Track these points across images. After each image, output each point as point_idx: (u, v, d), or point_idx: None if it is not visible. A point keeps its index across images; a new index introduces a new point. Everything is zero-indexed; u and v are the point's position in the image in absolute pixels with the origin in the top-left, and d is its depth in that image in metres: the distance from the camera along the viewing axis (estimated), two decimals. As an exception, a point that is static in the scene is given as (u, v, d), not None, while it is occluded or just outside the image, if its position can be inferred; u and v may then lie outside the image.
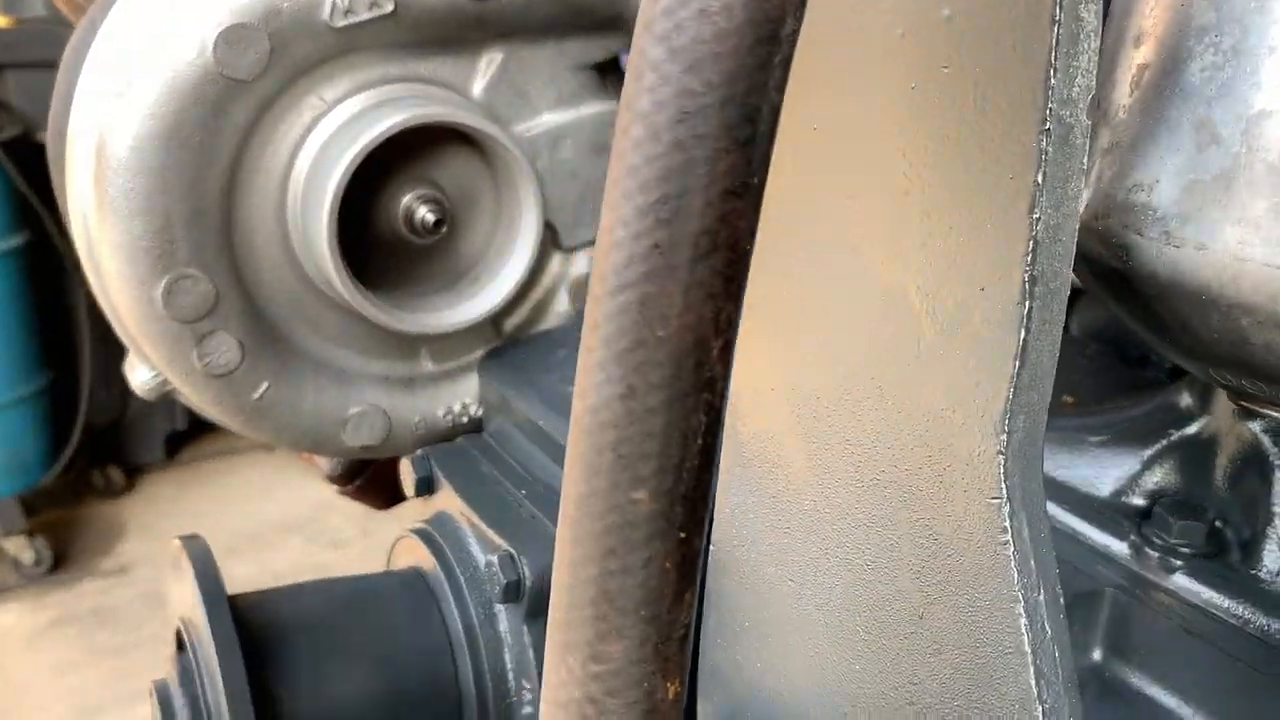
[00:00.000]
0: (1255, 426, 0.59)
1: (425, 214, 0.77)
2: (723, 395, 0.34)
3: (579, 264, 0.90)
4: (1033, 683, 0.37)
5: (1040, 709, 0.36)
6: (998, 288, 0.37)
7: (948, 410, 0.39)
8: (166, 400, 0.84)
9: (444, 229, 0.78)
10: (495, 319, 0.87)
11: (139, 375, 0.79)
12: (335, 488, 1.07)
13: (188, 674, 0.64)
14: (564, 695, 0.36)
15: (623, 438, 0.33)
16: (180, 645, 0.69)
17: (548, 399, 0.76)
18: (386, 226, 0.80)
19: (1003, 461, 0.37)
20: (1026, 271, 0.36)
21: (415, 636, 0.69)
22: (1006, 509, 0.37)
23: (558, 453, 0.73)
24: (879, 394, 0.42)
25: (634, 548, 0.34)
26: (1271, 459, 0.58)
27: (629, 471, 0.33)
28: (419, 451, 0.79)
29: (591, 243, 0.89)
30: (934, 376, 0.40)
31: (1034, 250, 0.36)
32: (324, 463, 0.94)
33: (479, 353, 0.88)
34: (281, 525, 2.46)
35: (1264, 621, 0.55)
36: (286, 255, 0.78)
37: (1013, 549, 0.37)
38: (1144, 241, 0.37)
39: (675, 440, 0.33)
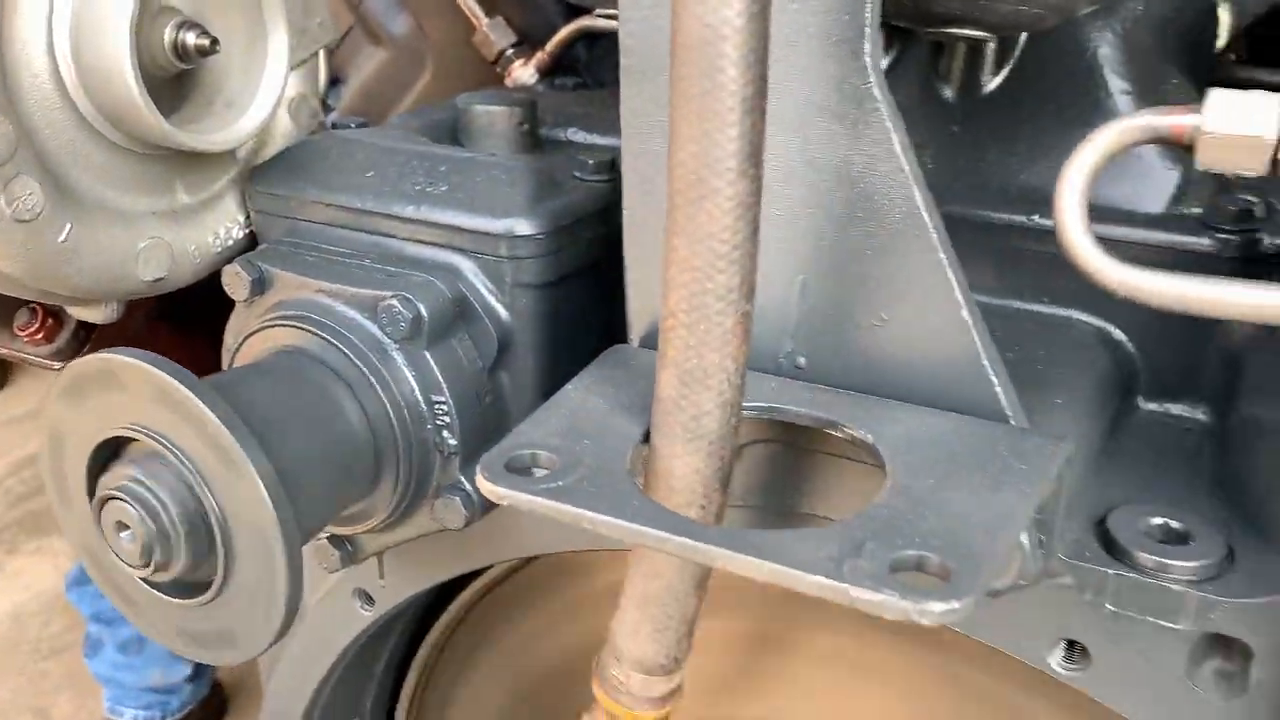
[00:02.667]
0: None
1: (195, 39, 0.82)
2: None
3: (292, 84, 0.98)
4: (918, 198, 0.62)
5: (929, 220, 0.62)
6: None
7: (812, 42, 0.62)
8: None
9: (219, 47, 0.83)
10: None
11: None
12: (57, 365, 1.05)
13: (169, 470, 0.70)
14: (686, 277, 0.54)
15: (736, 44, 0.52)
16: (113, 456, 0.73)
17: (356, 187, 0.86)
18: (145, 56, 0.83)
19: (870, 63, 0.62)
20: (870, -64, 0.60)
21: (324, 396, 0.79)
22: (876, 89, 0.62)
23: (385, 226, 0.85)
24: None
25: (735, 122, 0.53)
26: None
27: (738, 67, 0.52)
28: (240, 258, 0.86)
29: (304, 62, 0.98)
30: (786, 21, 0.62)
31: (870, -77, 0.60)
32: (95, 308, 0.93)
33: (223, 181, 0.94)
34: None
35: None
36: (58, 91, 0.79)
37: (884, 111, 0.62)
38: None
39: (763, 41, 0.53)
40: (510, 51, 1.24)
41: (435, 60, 1.35)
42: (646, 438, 0.62)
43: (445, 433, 0.82)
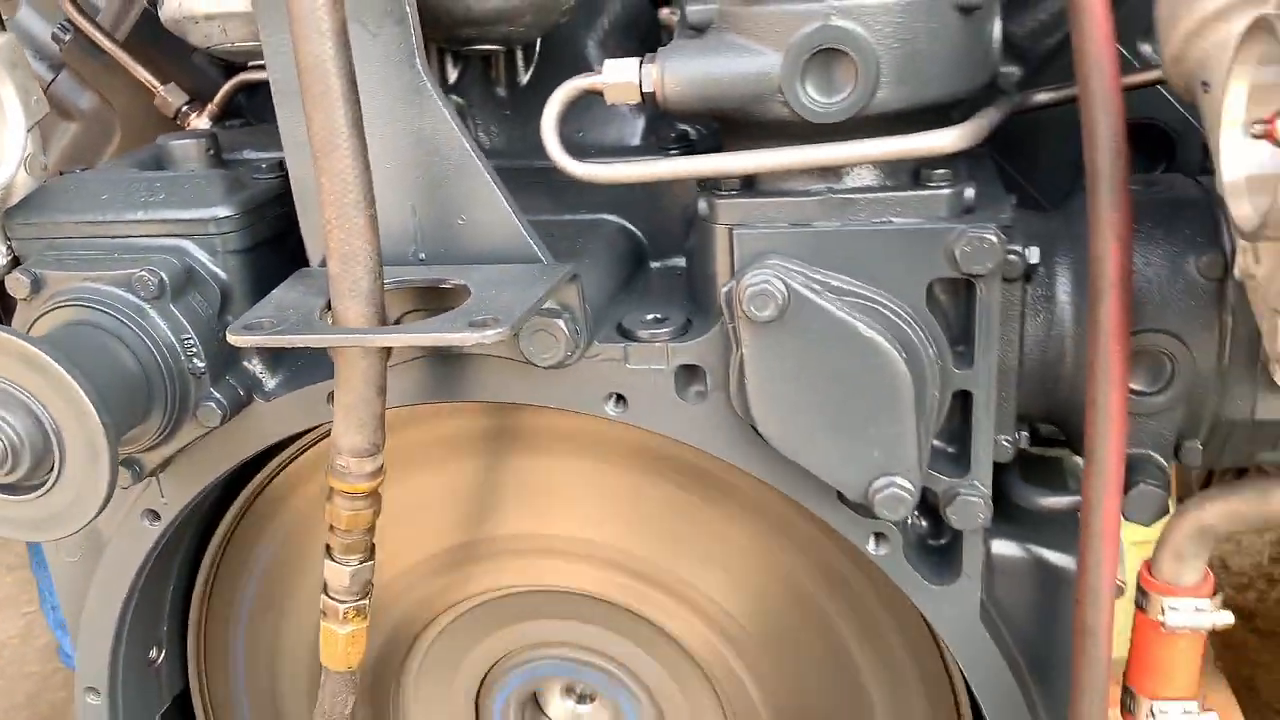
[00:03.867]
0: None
1: (-48, 115, 1.15)
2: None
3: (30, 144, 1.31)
4: (466, 144, 1.06)
5: (475, 155, 1.06)
6: None
7: (387, 61, 1.05)
8: None
9: (-28, 120, 1.16)
10: (-13, 196, 1.25)
11: None
12: None
13: (14, 402, 1.02)
14: (332, 198, 0.97)
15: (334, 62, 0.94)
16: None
17: (95, 206, 1.21)
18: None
19: (421, 69, 1.05)
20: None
21: (104, 347, 1.14)
22: (429, 84, 1.06)
23: (123, 230, 1.20)
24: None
25: (341, 104, 0.96)
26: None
27: (336, 75, 0.95)
28: (19, 268, 1.18)
29: (30, 129, 1.31)
30: (369, 48, 1.05)
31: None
32: None
33: (-13, 222, 1.26)
34: None
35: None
36: None
37: (435, 96, 1.06)
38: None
39: (348, 60, 0.96)
40: (185, 108, 1.60)
41: (123, 125, 1.68)
42: (329, 305, 1.02)
43: (195, 359, 1.18)
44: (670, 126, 1.32)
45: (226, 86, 1.57)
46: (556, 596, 1.44)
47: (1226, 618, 1.04)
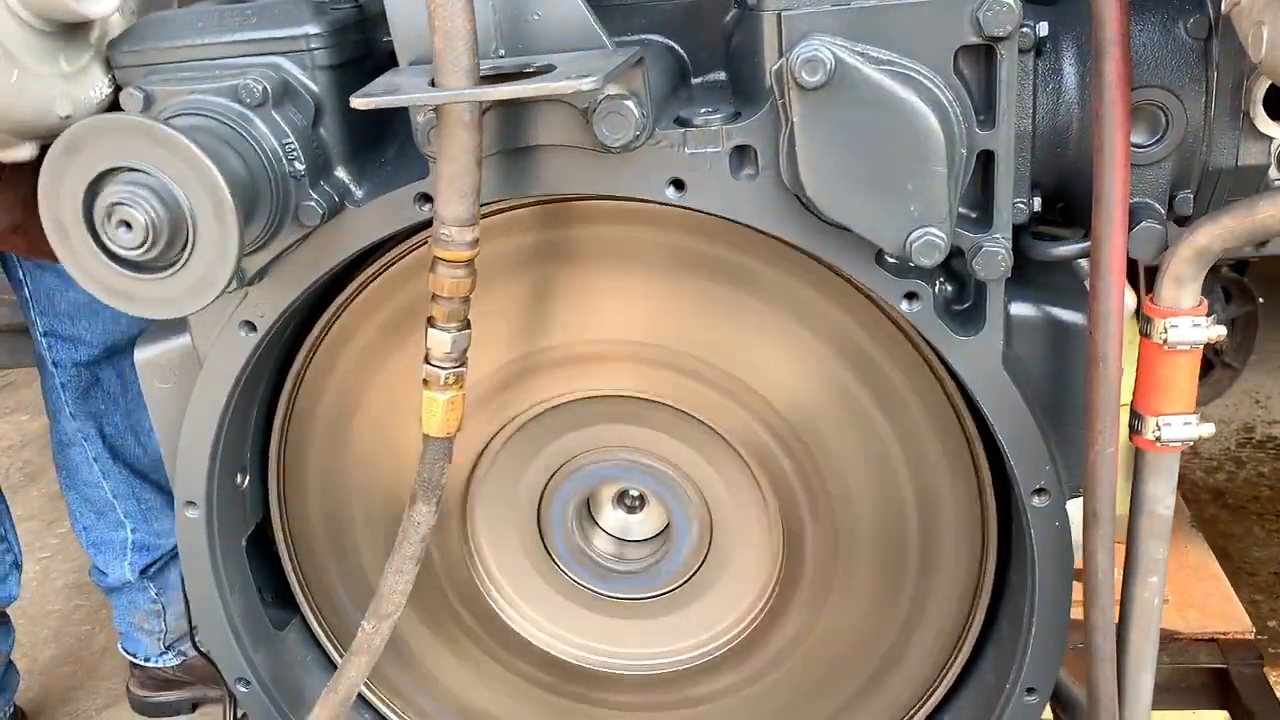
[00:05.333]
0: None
1: (69, -51, 1.26)
2: None
3: (119, -15, 1.42)
4: None
5: None
6: None
7: None
8: None
9: (89, -46, 1.28)
10: (87, 32, 1.37)
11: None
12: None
13: (155, 181, 1.15)
14: None
15: None
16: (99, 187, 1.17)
17: (194, 33, 1.34)
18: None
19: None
20: None
21: (221, 153, 1.26)
22: (506, -109, 1.19)
23: (222, 51, 1.33)
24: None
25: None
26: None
27: None
28: (130, 85, 1.31)
29: (123, -28, 1.43)
30: None
31: None
32: (21, 147, 1.33)
33: (87, 56, 1.38)
34: None
35: None
36: (-1, -6, 1.21)
37: (513, -98, 1.19)
38: None
39: None
40: (242, -26, 1.72)
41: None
42: (432, 83, 1.16)
43: (296, 163, 1.31)
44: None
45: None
46: (610, 401, 1.58)
47: (1220, 330, 1.20)
